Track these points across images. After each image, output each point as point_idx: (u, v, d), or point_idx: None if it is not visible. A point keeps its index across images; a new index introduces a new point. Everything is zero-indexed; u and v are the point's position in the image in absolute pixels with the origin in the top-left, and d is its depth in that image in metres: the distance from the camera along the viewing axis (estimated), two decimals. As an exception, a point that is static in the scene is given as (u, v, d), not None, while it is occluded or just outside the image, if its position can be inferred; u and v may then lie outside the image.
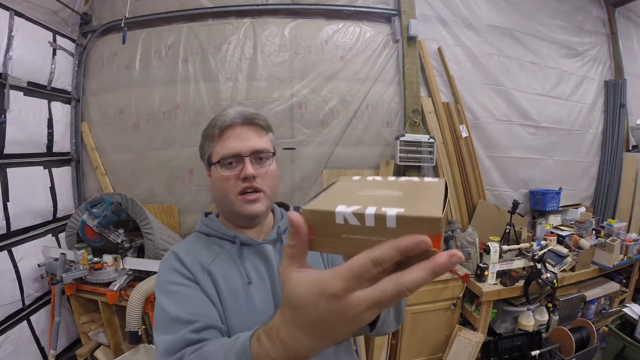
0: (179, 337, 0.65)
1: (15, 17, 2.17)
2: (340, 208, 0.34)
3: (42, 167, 2.50)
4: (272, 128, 0.87)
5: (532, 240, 2.59)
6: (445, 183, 0.42)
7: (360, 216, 0.33)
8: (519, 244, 2.50)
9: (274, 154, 0.84)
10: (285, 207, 0.98)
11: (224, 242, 0.83)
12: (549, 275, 2.17)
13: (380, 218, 0.32)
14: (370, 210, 0.32)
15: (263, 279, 0.80)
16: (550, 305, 2.35)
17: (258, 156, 0.80)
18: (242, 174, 0.78)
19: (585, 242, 2.61)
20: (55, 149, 2.62)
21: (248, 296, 0.76)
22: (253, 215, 0.80)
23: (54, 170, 2.59)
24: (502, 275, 2.33)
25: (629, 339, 2.00)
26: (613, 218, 3.18)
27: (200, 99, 2.78)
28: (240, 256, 0.80)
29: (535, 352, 2.08)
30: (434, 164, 2.83)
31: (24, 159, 2.33)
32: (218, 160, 0.79)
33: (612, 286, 2.67)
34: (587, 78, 3.50)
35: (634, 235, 2.72)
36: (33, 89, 2.38)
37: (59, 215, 2.60)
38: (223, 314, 0.74)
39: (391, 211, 0.32)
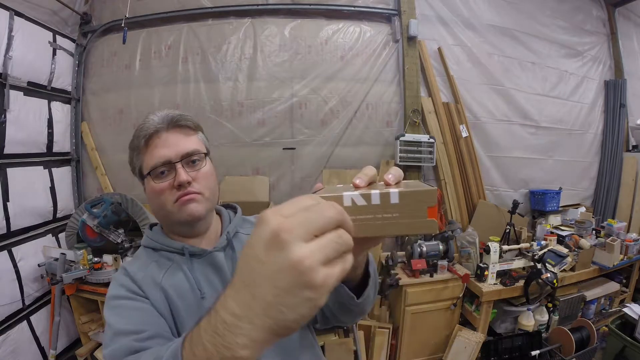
0: (121, 345, 0.60)
1: (15, 17, 2.17)
2: (347, 192, 0.37)
3: (42, 167, 2.50)
4: (201, 127, 0.83)
5: (532, 240, 2.59)
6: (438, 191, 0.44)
7: (366, 196, 0.37)
8: (519, 244, 2.50)
9: (206, 154, 0.80)
10: (233, 209, 0.92)
11: (172, 255, 0.77)
12: (549, 275, 2.17)
13: (385, 196, 0.37)
14: (375, 191, 0.37)
15: (216, 290, 0.74)
16: (550, 305, 2.35)
17: (190, 159, 0.76)
18: (176, 182, 0.73)
19: (585, 242, 2.61)
20: (55, 149, 2.62)
21: (202, 312, 0.72)
22: (192, 217, 0.74)
23: (54, 170, 2.59)
24: (502, 275, 2.33)
25: (629, 339, 2.00)
26: (613, 218, 3.17)
27: (200, 99, 2.78)
28: (190, 269, 0.75)
29: (535, 352, 2.08)
30: (434, 164, 2.82)
31: (24, 159, 2.33)
32: (149, 172, 0.74)
33: (612, 286, 2.67)
34: (587, 78, 3.50)
35: (634, 235, 2.72)
36: (33, 89, 2.38)
37: (59, 215, 2.60)
38: (178, 330, 0.70)
39: (394, 189, 0.37)
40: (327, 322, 0.79)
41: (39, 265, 2.26)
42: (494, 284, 2.28)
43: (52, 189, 2.56)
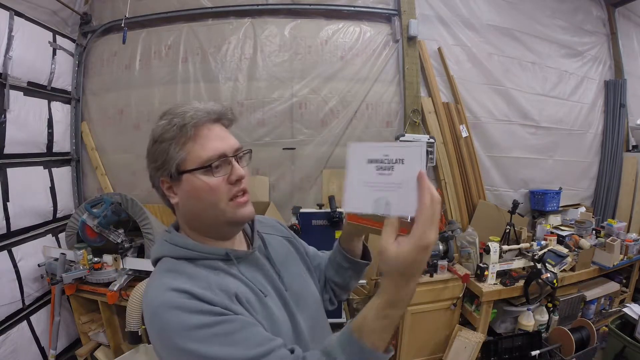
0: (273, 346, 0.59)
1: (15, 17, 2.17)
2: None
3: (42, 167, 2.50)
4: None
5: (532, 240, 2.58)
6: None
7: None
8: (519, 244, 2.50)
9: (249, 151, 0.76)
10: None
11: (214, 262, 0.69)
12: (549, 275, 2.17)
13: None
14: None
15: (266, 288, 0.73)
16: (550, 305, 2.35)
17: (239, 155, 0.71)
18: (234, 176, 0.68)
19: (585, 242, 2.61)
20: (55, 149, 2.62)
21: (268, 311, 0.69)
22: (247, 219, 0.72)
23: (54, 170, 2.59)
24: (502, 275, 2.33)
25: (629, 339, 2.00)
26: (613, 218, 3.17)
27: (201, 99, 2.77)
28: (240, 271, 0.71)
29: (535, 352, 2.08)
30: (434, 164, 2.83)
31: (24, 159, 2.33)
32: (202, 166, 0.66)
33: (612, 286, 2.66)
34: (587, 78, 3.50)
35: (634, 235, 2.71)
36: (33, 89, 2.38)
37: (59, 215, 2.60)
38: None
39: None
40: (337, 295, 0.96)
41: (39, 265, 2.26)
42: (494, 284, 2.28)
43: (52, 189, 2.56)
